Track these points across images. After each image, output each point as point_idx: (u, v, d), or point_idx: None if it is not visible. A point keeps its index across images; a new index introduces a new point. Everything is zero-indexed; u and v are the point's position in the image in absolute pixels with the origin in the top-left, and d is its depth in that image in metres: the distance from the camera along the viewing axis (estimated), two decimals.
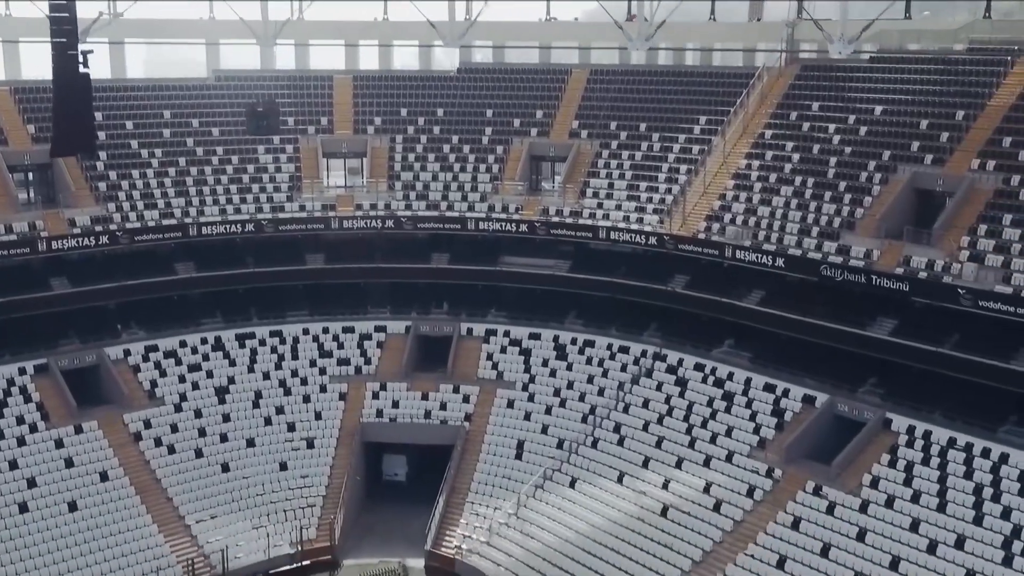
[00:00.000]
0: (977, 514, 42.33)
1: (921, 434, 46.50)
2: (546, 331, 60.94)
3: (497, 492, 52.75)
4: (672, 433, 52.44)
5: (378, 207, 63.40)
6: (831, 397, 50.03)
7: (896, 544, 42.52)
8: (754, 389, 52.81)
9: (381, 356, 61.12)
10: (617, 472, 51.40)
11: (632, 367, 57.46)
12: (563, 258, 62.61)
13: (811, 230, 53.08)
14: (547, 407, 56.90)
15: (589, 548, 47.51)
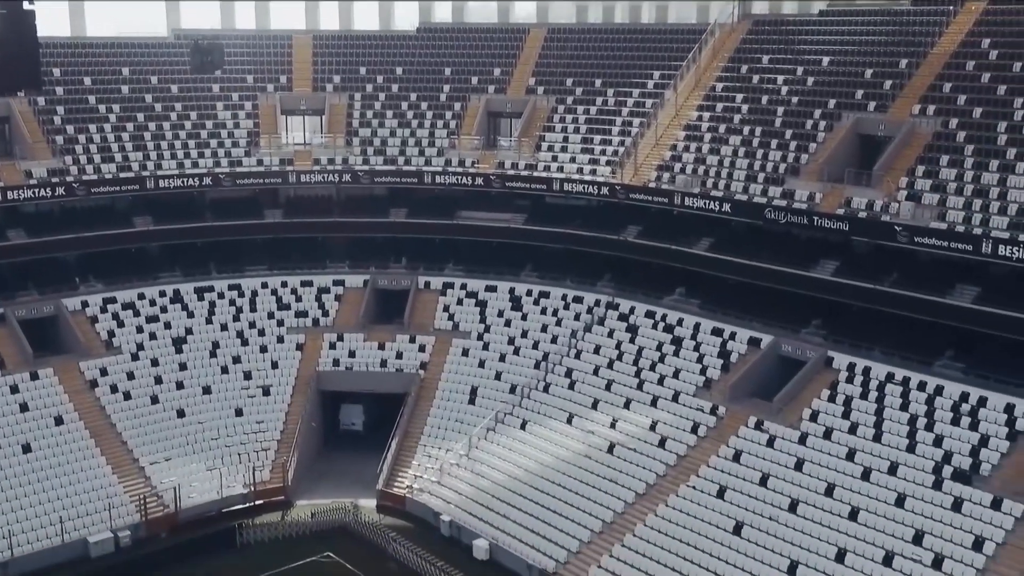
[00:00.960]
0: (911, 442, 43.35)
1: (861, 370, 47.50)
2: (502, 283, 61.69)
3: (449, 435, 53.50)
4: (621, 376, 53.30)
5: (335, 162, 63.97)
6: (775, 338, 50.98)
7: (832, 472, 43.48)
8: (702, 333, 53.72)
9: (339, 309, 61.74)
10: (567, 414, 52.23)
11: (585, 316, 58.29)
12: (519, 212, 63.41)
13: (757, 176, 54.00)
14: (501, 355, 57.68)
15: (536, 484, 48.31)
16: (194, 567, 44.31)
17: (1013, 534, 38.39)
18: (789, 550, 40.66)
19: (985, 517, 39.17)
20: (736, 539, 42.02)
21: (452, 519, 47.90)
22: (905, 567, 38.47)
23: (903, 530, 39.80)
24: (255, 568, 44.66)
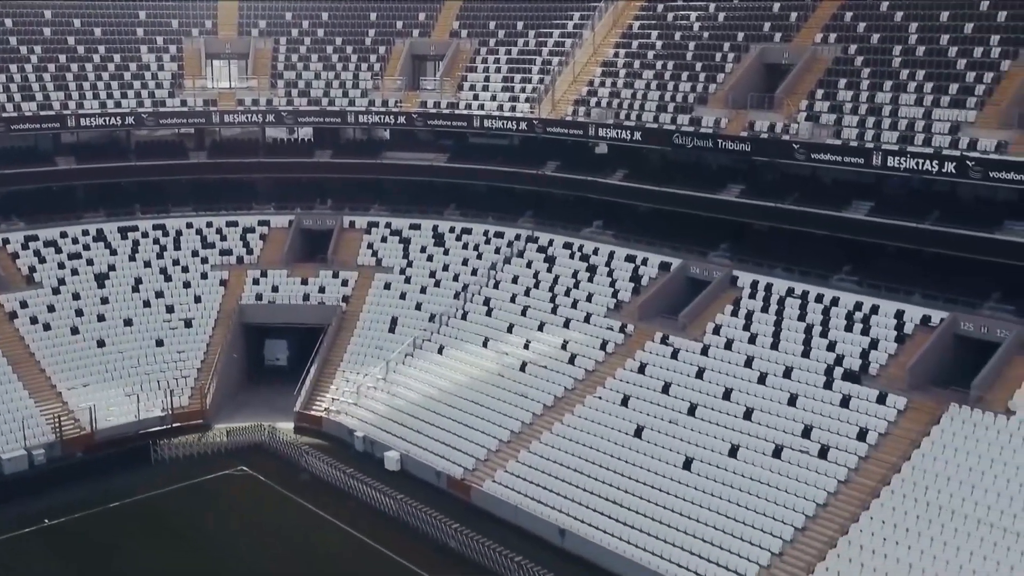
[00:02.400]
0: (805, 349, 44.89)
1: (763, 287, 49.02)
2: (426, 221, 62.60)
3: (368, 361, 54.35)
4: (537, 303, 54.45)
5: (259, 103, 64.38)
6: (684, 262, 52.36)
7: (730, 378, 44.91)
8: (616, 260, 55.03)
9: (263, 248, 62.31)
10: (483, 338, 53.28)
11: (505, 249, 59.37)
12: (443, 151, 64.40)
13: (668, 107, 55.31)
14: (422, 287, 58.63)
15: (449, 402, 49.33)
16: (108, 482, 44.77)
17: (895, 425, 40.01)
18: (685, 448, 41.98)
19: (870, 411, 40.75)
20: (636, 441, 43.30)
21: (366, 435, 48.81)
22: (793, 458, 39.90)
23: (793, 426, 41.27)
24: (168, 482, 45.29)
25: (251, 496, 44.50)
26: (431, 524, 40.54)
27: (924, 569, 33.60)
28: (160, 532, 40.85)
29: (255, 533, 40.81)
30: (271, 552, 39.29)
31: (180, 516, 42.28)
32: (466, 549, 39.04)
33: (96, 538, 40.24)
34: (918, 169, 44.02)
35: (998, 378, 39.93)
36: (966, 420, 38.86)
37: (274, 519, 42.27)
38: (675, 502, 39.49)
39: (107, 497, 43.22)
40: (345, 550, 39.71)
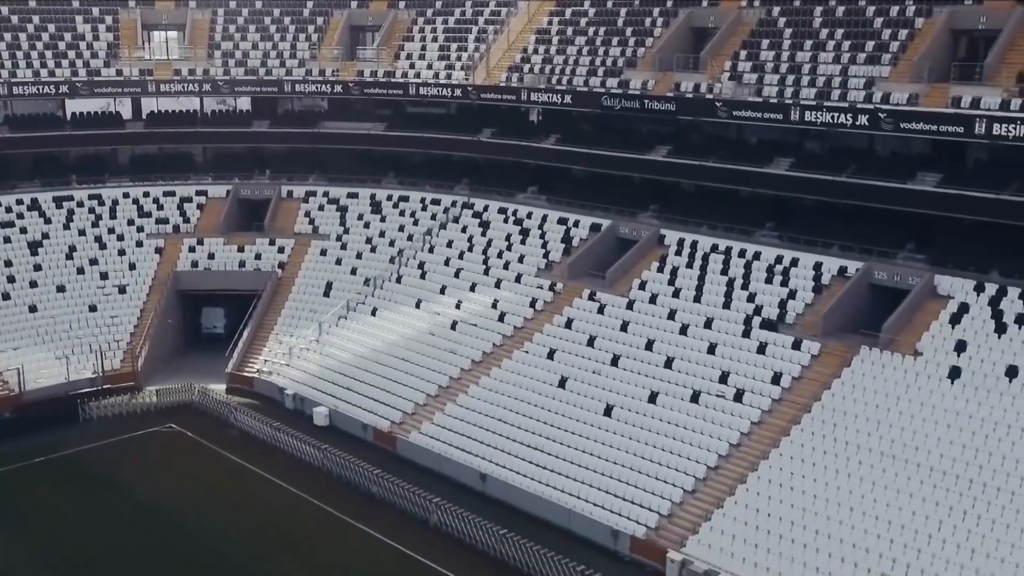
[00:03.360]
0: (727, 300, 45.75)
1: (689, 244, 49.80)
2: (364, 190, 62.93)
3: (302, 324, 54.59)
4: (470, 265, 54.96)
5: (196, 73, 64.36)
6: (614, 222, 53.07)
7: (653, 330, 45.66)
8: (549, 223, 55.65)
9: (200, 217, 62.28)
10: (415, 299, 53.69)
11: (441, 215, 59.79)
12: (380, 120, 64.73)
13: (598, 71, 56.01)
14: (358, 253, 58.96)
15: (380, 360, 49.71)
16: (34, 439, 44.70)
17: (808, 369, 40.92)
18: (607, 396, 42.65)
19: (785, 357, 41.65)
20: (560, 391, 43.91)
21: (296, 393, 49.08)
22: (710, 402, 40.71)
23: (711, 372, 42.07)
24: (95, 438, 45.33)
25: (178, 451, 44.67)
26: (354, 472, 40.89)
27: (828, 499, 34.43)
28: (85, 484, 40.91)
29: (181, 484, 40.95)
30: (196, 501, 39.45)
31: (105, 469, 42.34)
32: (388, 494, 39.44)
33: (19, 491, 40.16)
34: (834, 123, 45.01)
35: (908, 323, 40.95)
36: (875, 362, 39.83)
37: (200, 472, 42.46)
38: (595, 446, 40.12)
39: (32, 452, 43.19)
40: (271, 499, 39.98)
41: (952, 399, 36.93)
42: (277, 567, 34.71)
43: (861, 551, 32.10)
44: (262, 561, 35.08)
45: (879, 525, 32.83)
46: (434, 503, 37.77)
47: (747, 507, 35.17)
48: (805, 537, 33.16)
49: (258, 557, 35.36)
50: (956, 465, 34.20)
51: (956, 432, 35.49)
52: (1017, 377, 36.81)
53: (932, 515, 32.68)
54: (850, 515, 33.51)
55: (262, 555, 35.49)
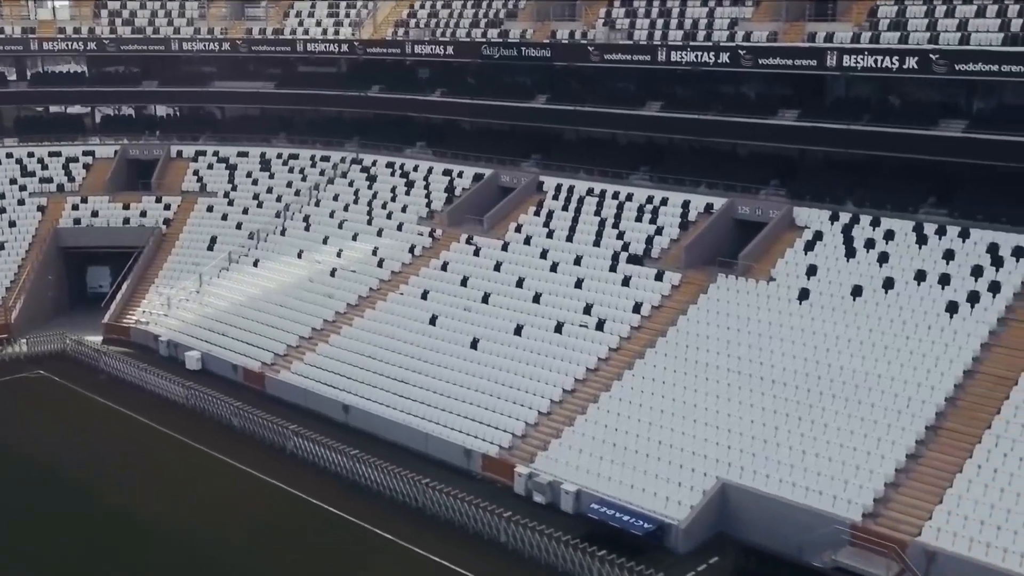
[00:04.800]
0: (597, 239, 46.32)
1: (566, 189, 50.28)
2: (254, 149, 62.63)
3: (184, 277, 54.10)
4: (355, 216, 54.99)
5: (81, 31, 63.51)
6: (495, 171, 53.42)
7: (524, 268, 46.10)
8: (434, 175, 55.86)
9: (87, 177, 61.38)
10: (298, 250, 53.55)
11: (329, 171, 59.70)
12: (271, 80, 64.42)
13: (480, 23, 56.34)
14: (244, 208, 58.64)
15: (258, 306, 49.52)
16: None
17: (668, 298, 41.61)
18: (474, 331, 42.93)
19: (648, 287, 42.32)
20: (430, 328, 44.11)
21: (170, 340, 48.65)
22: (573, 332, 41.19)
23: (576, 304, 42.57)
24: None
25: (45, 394, 44.13)
26: (216, 407, 40.71)
27: (673, 413, 35.03)
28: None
29: (45, 425, 40.39)
30: (60, 440, 38.85)
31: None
32: (248, 424, 39.33)
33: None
34: (698, 61, 45.81)
35: (766, 252, 41.83)
36: (731, 288, 40.64)
37: (66, 413, 41.96)
38: (458, 376, 40.37)
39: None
40: (136, 436, 39.60)
41: (799, 318, 37.81)
42: (136, 496, 34.24)
43: (700, 458, 32.71)
44: (124, 491, 34.57)
45: (719, 434, 33.49)
46: (291, 430, 37.68)
47: (596, 424, 35.65)
48: (648, 448, 33.72)
49: (120, 488, 34.87)
50: (797, 377, 35.00)
51: (800, 348, 36.34)
52: (861, 296, 37.79)
53: (769, 422, 33.41)
54: (693, 426, 34.14)
55: (124, 486, 35.01)
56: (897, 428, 31.79)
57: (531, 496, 33.82)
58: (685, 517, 30.79)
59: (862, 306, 37.42)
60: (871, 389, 33.56)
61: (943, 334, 34.95)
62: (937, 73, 39.23)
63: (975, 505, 28.41)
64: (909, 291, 37.30)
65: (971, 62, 38.26)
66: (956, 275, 37.09)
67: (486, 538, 31.23)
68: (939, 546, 27.61)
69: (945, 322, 35.45)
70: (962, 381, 33.14)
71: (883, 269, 38.65)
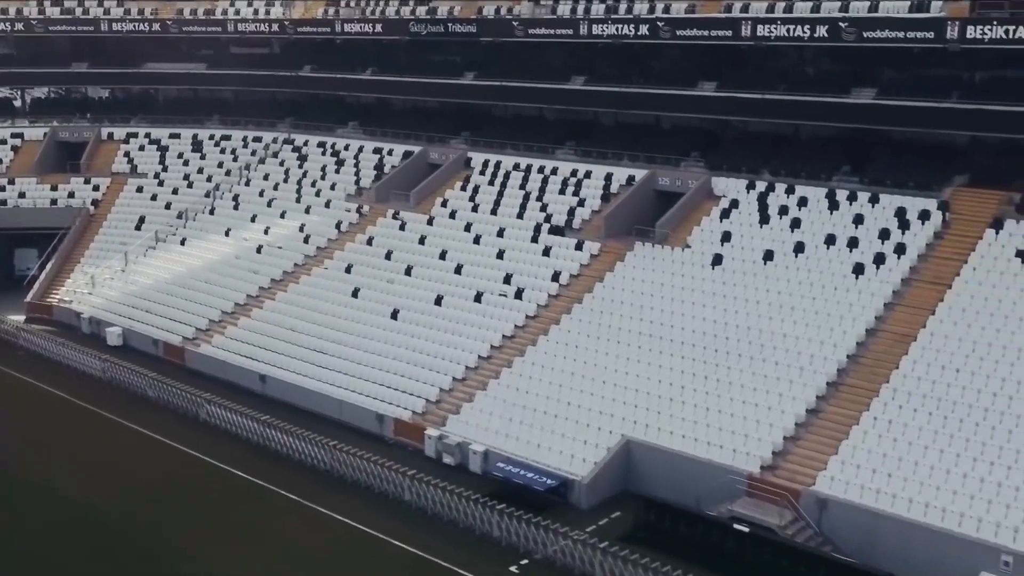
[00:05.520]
0: (521, 211, 46.50)
1: (493, 164, 50.40)
2: (186, 130, 62.19)
3: (111, 256, 53.60)
4: (284, 195, 54.82)
5: (9, 12, 62.74)
6: (425, 148, 53.42)
7: (448, 241, 46.17)
8: (364, 153, 55.81)
9: (15, 159, 60.65)
10: (225, 228, 53.25)
11: (261, 151, 59.42)
12: (203, 61, 64.00)
13: (409, 1, 56.33)
14: (175, 189, 58.21)
15: (182, 283, 49.19)
16: None
17: (587, 267, 41.86)
18: (395, 302, 42.91)
19: (567, 257, 42.54)
20: (352, 300, 44.07)
21: (92, 316, 48.19)
22: (492, 301, 41.31)
23: (497, 275, 42.71)
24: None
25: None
26: (131, 379, 40.41)
27: (584, 375, 35.21)
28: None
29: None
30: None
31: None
32: (162, 395, 39.07)
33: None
34: (619, 34, 46.18)
35: (683, 220, 42.17)
36: (647, 256, 40.96)
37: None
38: (376, 346, 40.34)
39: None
40: (51, 409, 39.17)
41: (711, 283, 38.18)
42: (48, 468, 33.84)
43: (607, 417, 32.91)
44: (38, 464, 34.17)
45: (626, 394, 33.72)
46: (203, 398, 37.48)
47: (508, 387, 35.75)
48: (557, 408, 33.87)
49: (35, 461, 34.43)
50: (706, 339, 35.33)
51: (711, 311, 36.68)
52: (773, 260, 38.23)
53: (676, 382, 33.68)
54: (601, 387, 34.34)
55: (38, 459, 34.59)
56: (799, 384, 32.17)
57: (441, 458, 33.86)
58: (588, 473, 30.97)
59: (772, 270, 37.85)
60: (776, 348, 33.95)
61: (848, 295, 35.43)
62: (847, 41, 39.77)
63: (868, 455, 28.83)
64: (819, 254, 37.77)
65: (878, 29, 38.80)
66: (864, 239, 37.61)
67: (390, 497, 31.22)
68: (831, 494, 27.97)
69: (851, 283, 35.93)
70: (864, 339, 33.56)
71: (795, 234, 39.09)
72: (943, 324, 32.85)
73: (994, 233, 35.82)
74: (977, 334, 31.95)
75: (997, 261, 34.71)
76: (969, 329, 32.26)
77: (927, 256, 36.29)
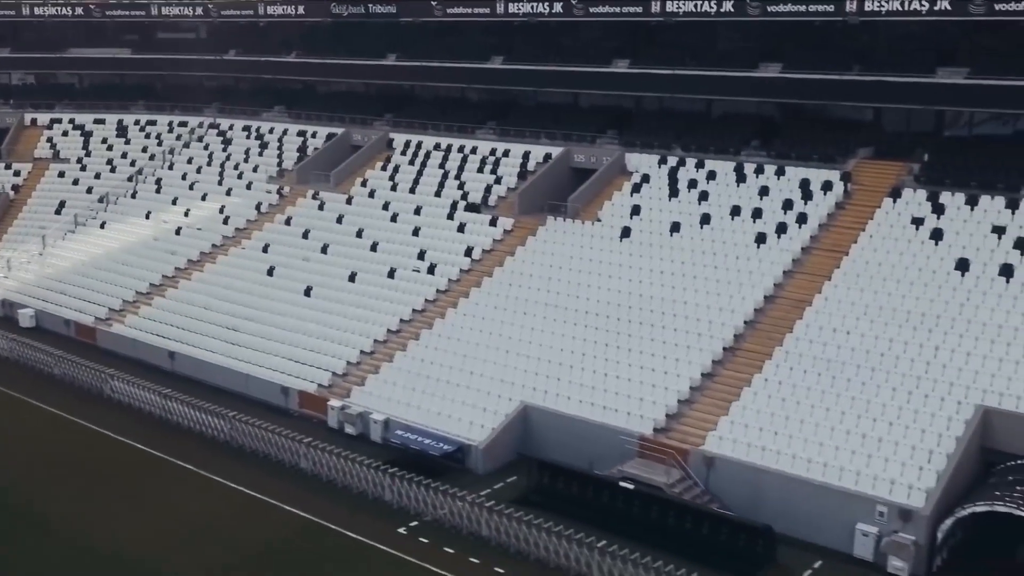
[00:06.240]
0: (439, 189, 46.55)
1: (415, 144, 50.40)
2: (111, 116, 61.59)
3: (29, 240, 52.95)
4: (206, 178, 54.44)
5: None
6: (347, 130, 53.29)
7: (366, 220, 46.13)
8: (288, 136, 55.60)
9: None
10: (146, 211, 52.79)
11: (186, 135, 58.95)
12: (128, 45, 63.44)
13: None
14: (97, 174, 57.64)
15: (101, 265, 48.68)
16: None
17: (500, 242, 42.00)
18: (310, 279, 42.78)
19: (481, 233, 42.64)
20: (267, 278, 43.92)
21: (5, 299, 47.56)
22: (405, 276, 41.34)
23: (411, 251, 42.73)
24: None
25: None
26: (38, 357, 39.96)
27: (488, 345, 35.31)
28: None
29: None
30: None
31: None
32: (68, 372, 38.68)
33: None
34: (534, 12, 46.39)
35: (596, 195, 42.43)
36: (559, 230, 41.17)
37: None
38: (289, 322, 40.17)
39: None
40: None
41: (619, 255, 38.46)
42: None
43: (507, 384, 33.03)
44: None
45: (528, 362, 33.85)
46: (107, 374, 37.15)
47: (414, 359, 35.78)
48: (459, 378, 33.95)
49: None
50: (610, 308, 35.58)
51: (617, 281, 36.94)
52: (679, 232, 38.57)
53: (578, 350, 33.87)
54: (504, 356, 34.46)
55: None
56: (696, 350, 32.49)
57: (343, 428, 33.81)
58: (484, 439, 31.08)
59: (679, 241, 38.21)
60: (676, 315, 34.27)
61: (749, 263, 35.85)
62: (752, 16, 40.24)
63: (757, 414, 29.19)
64: (723, 225, 38.18)
65: (782, 3, 39.31)
66: (768, 209, 38.08)
67: (287, 465, 31.13)
68: (718, 453, 28.28)
69: (753, 252, 36.37)
70: (763, 305, 33.98)
71: (702, 206, 39.49)
72: (837, 289, 33.36)
73: (892, 202, 36.42)
74: (869, 298, 32.47)
75: (893, 228, 35.30)
76: (862, 293, 32.78)
77: (828, 225, 36.83)
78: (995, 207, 34.64)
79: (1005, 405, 27.37)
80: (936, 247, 33.82)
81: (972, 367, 28.72)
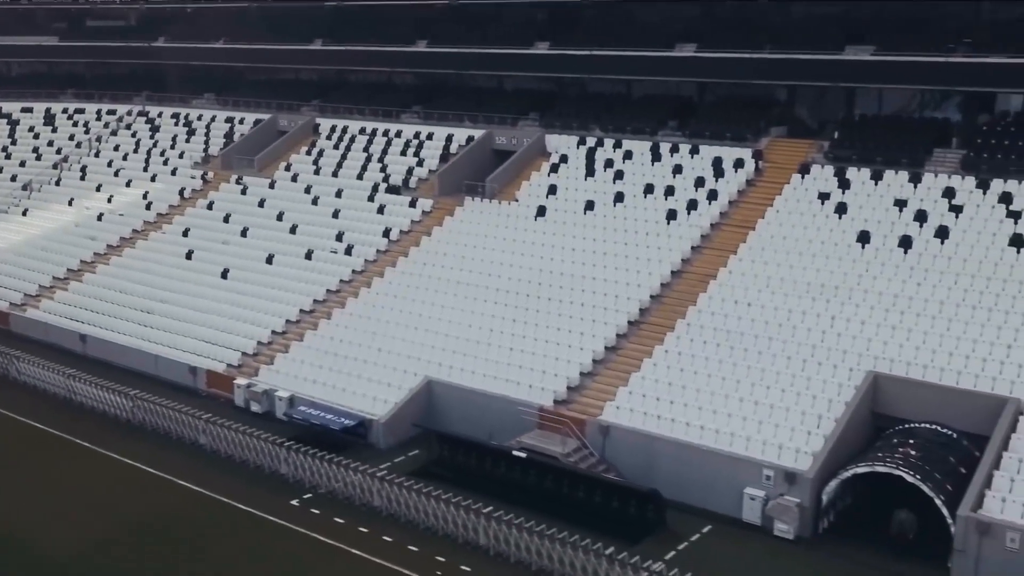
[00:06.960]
0: (361, 172, 46.38)
1: (340, 129, 50.16)
2: (39, 104, 60.77)
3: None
4: (132, 165, 53.88)
5: None
6: (275, 115, 52.95)
7: (287, 203, 45.89)
8: (216, 122, 55.18)
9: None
10: (69, 198, 52.14)
11: (114, 123, 58.30)
12: (55, 33, 62.66)
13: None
14: (22, 161, 56.88)
15: (20, 252, 48.06)
16: None
17: (418, 223, 41.88)
18: (227, 262, 42.44)
19: (400, 214, 42.51)
20: (185, 262, 43.56)
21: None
22: (322, 257, 41.12)
23: (329, 232, 42.53)
24: None
25: None
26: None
27: (399, 323, 35.18)
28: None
29: None
30: None
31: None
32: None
33: None
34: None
35: (515, 176, 42.44)
36: (476, 210, 41.15)
37: None
38: (204, 303, 39.87)
39: None
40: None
41: (534, 233, 38.49)
42: None
43: (413, 360, 32.92)
44: None
45: (436, 339, 33.76)
46: (10, 356, 36.62)
47: (323, 337, 35.60)
48: (367, 354, 33.82)
49: None
50: (520, 284, 35.58)
51: (529, 259, 36.96)
52: (593, 210, 38.65)
53: (485, 326, 33.84)
54: (413, 333, 34.35)
55: None
56: (601, 324, 32.56)
57: (249, 406, 33.53)
58: (386, 413, 30.95)
59: (592, 219, 38.29)
60: (585, 291, 34.33)
61: (659, 239, 36.00)
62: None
63: (655, 384, 29.29)
64: (636, 203, 38.32)
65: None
66: (680, 187, 38.25)
67: (187, 442, 30.81)
68: (614, 422, 28.33)
69: (663, 228, 36.51)
70: (669, 280, 34.14)
71: (616, 185, 39.61)
72: (742, 263, 33.58)
73: (800, 178, 36.71)
74: (772, 271, 32.72)
75: (799, 203, 35.59)
76: (766, 266, 33.01)
77: (738, 202, 37.06)
78: (899, 181, 35.01)
79: (895, 371, 27.62)
80: (840, 220, 34.13)
81: (866, 335, 28.99)
